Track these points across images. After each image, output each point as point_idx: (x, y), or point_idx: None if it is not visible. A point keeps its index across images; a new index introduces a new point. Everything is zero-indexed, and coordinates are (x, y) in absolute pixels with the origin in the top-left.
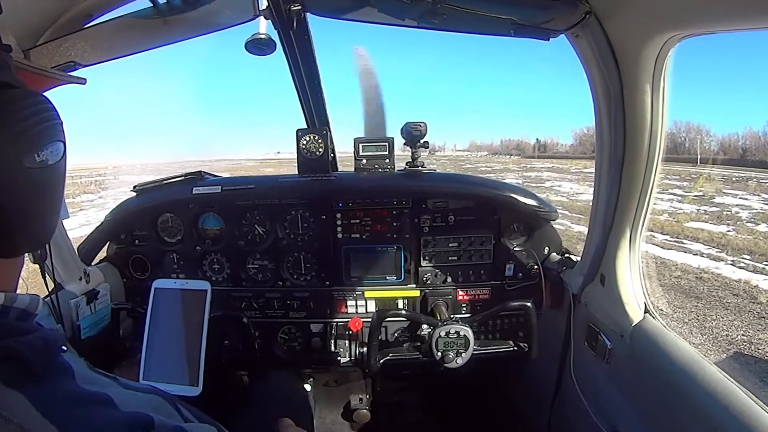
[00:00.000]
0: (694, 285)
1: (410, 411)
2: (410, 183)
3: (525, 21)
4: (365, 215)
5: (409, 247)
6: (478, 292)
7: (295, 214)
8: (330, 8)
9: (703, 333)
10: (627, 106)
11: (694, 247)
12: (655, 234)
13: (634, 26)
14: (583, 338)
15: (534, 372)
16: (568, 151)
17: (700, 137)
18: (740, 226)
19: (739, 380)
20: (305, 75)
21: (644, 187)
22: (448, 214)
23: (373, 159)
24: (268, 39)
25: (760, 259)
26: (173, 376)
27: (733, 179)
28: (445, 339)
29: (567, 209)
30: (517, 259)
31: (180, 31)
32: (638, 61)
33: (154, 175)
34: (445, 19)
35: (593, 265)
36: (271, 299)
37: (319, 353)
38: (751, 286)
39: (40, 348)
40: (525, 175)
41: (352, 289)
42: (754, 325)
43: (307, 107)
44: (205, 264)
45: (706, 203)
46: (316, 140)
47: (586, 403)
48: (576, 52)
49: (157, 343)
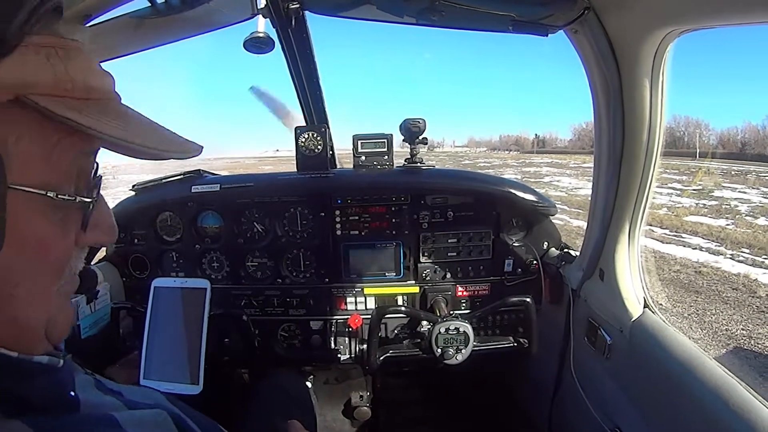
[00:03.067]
0: (694, 279)
1: (411, 407)
2: (409, 179)
3: (523, 17)
4: (364, 212)
5: (408, 243)
6: (477, 287)
7: (294, 212)
8: (328, 6)
9: (702, 327)
10: (626, 101)
11: (693, 241)
12: (654, 228)
13: (633, 21)
14: (583, 333)
15: (534, 367)
16: (567, 147)
17: (699, 131)
18: (739, 220)
19: (739, 375)
20: (304, 73)
21: (643, 181)
22: (447, 210)
23: (371, 156)
24: (267, 37)
25: (760, 253)
26: (174, 375)
27: (732, 173)
28: (445, 335)
29: (566, 204)
30: (516, 255)
31: (178, 30)
32: (637, 56)
33: (153, 174)
34: (444, 15)
35: (592, 260)
36: (270, 297)
37: (319, 350)
38: (750, 280)
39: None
40: (524, 170)
41: (351, 286)
42: (753, 319)
43: (305, 105)
44: (205, 262)
45: (705, 197)
46: (315, 138)
47: (586, 398)
48: (575, 48)
49: (157, 341)
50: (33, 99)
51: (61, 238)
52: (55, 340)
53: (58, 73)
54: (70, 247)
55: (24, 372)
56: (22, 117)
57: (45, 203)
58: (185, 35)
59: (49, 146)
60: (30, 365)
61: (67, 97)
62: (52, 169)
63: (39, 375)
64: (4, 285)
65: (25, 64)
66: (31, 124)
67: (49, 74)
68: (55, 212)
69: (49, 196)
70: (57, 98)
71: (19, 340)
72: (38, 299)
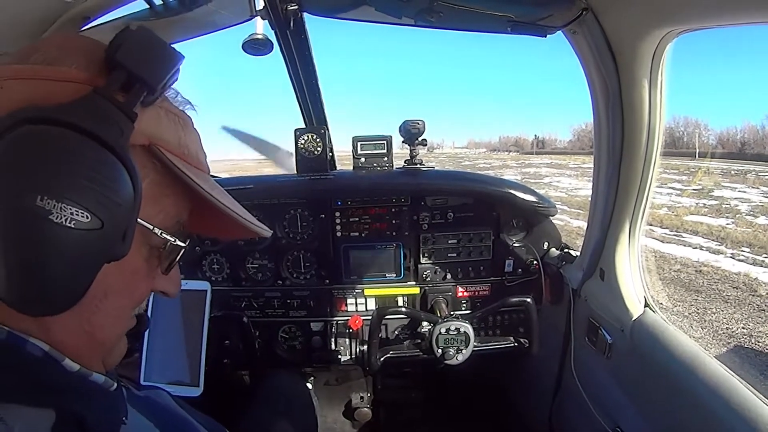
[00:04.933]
0: (694, 278)
1: (411, 408)
2: (409, 180)
3: (522, 18)
4: (364, 213)
5: (408, 244)
6: (477, 288)
7: (294, 214)
8: (327, 8)
9: (703, 326)
10: (625, 101)
11: (693, 241)
12: (655, 228)
13: (631, 22)
14: (584, 333)
15: (534, 367)
16: (567, 147)
17: (698, 131)
18: (739, 219)
19: (740, 373)
20: (303, 74)
21: (643, 181)
22: (447, 211)
23: (371, 157)
24: (265, 39)
25: (760, 252)
26: (174, 377)
27: (731, 172)
28: (446, 336)
29: (566, 204)
30: (516, 255)
31: (177, 32)
32: (636, 56)
33: None
34: (442, 17)
35: (593, 260)
36: (271, 298)
37: (319, 352)
38: (750, 279)
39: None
40: (523, 171)
41: (351, 287)
42: (754, 317)
43: (304, 107)
44: (205, 264)
45: (705, 197)
46: (315, 139)
47: (587, 398)
48: (573, 49)
49: (158, 344)
50: (163, 151)
51: (146, 273)
52: (109, 366)
53: (180, 138)
54: (149, 286)
55: (83, 390)
56: (151, 164)
57: (145, 240)
58: (184, 37)
59: (161, 196)
60: (88, 384)
61: (183, 160)
62: (160, 215)
63: (96, 395)
64: (97, 294)
65: (159, 119)
66: (154, 172)
67: (174, 136)
68: (150, 251)
69: (155, 232)
70: (178, 158)
71: (87, 354)
72: (116, 319)
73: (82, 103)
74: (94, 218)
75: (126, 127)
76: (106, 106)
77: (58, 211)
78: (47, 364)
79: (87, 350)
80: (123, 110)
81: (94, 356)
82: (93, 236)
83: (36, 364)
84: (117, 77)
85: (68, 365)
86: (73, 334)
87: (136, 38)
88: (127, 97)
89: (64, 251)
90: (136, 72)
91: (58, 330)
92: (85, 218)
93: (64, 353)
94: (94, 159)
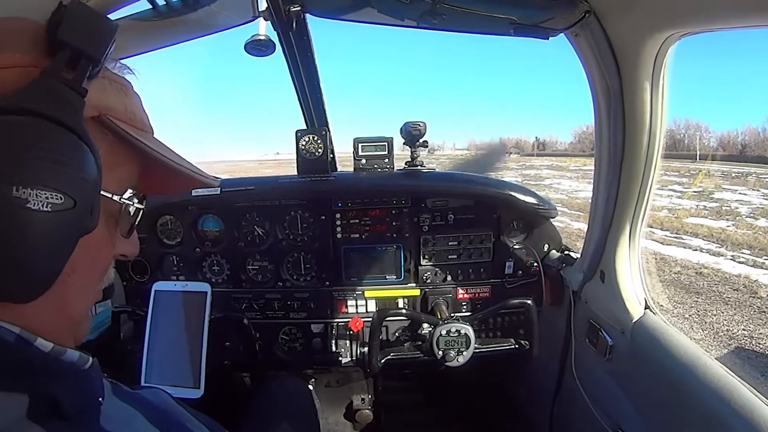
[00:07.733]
0: (694, 280)
1: (412, 410)
2: (409, 182)
3: (524, 20)
4: (365, 215)
5: (408, 246)
6: (478, 290)
7: (294, 215)
8: (329, 9)
9: (703, 328)
10: (626, 104)
11: (693, 243)
12: (655, 230)
13: (634, 25)
14: (584, 335)
15: (535, 369)
16: (567, 149)
17: (699, 134)
18: (740, 221)
19: (741, 375)
20: (304, 76)
21: (643, 183)
22: (448, 212)
23: (372, 159)
24: (268, 40)
25: (760, 254)
26: (175, 379)
27: (732, 175)
28: (446, 338)
29: (566, 206)
30: (516, 257)
31: (180, 32)
32: (638, 59)
33: None
34: (445, 19)
35: (593, 262)
36: (271, 300)
37: (320, 354)
38: (751, 281)
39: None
40: (524, 173)
41: (352, 289)
42: (754, 319)
43: (306, 108)
44: (205, 266)
45: (705, 199)
46: (316, 141)
47: (588, 400)
48: (576, 51)
49: (158, 345)
50: (113, 120)
51: (108, 241)
52: (78, 340)
53: (126, 105)
54: (111, 253)
55: (56, 371)
56: (101, 134)
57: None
58: (186, 38)
59: (115, 164)
60: (61, 364)
61: (132, 126)
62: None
63: (70, 375)
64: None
65: (104, 90)
66: (106, 142)
67: (120, 103)
68: (109, 219)
69: (114, 199)
70: (126, 125)
71: (59, 331)
72: (85, 292)
73: (34, 87)
74: (67, 198)
75: (78, 103)
76: (57, 86)
77: (35, 197)
78: (19, 347)
79: (59, 327)
80: (74, 88)
81: (66, 333)
82: (69, 215)
83: (7, 349)
84: (62, 56)
85: (41, 344)
86: (45, 312)
87: (73, 13)
88: (74, 74)
89: (45, 235)
90: (80, 47)
91: (30, 311)
92: (59, 200)
93: (36, 333)
94: (57, 141)
